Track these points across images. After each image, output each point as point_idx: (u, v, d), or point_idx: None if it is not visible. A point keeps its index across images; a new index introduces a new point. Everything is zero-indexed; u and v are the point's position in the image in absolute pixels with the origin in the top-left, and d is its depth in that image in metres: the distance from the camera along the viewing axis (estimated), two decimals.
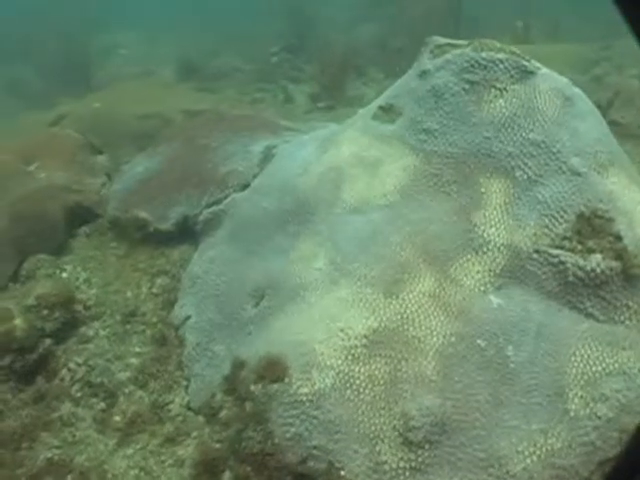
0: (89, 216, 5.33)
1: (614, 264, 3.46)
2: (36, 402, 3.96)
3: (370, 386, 3.28)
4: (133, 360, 4.16)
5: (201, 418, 3.70)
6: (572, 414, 3.20)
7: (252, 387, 3.37)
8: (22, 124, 6.82)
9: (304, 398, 3.28)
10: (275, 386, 3.32)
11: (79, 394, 4.02)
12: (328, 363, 3.34)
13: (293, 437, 3.24)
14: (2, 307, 4.20)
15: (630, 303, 3.49)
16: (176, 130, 5.66)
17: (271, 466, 3.22)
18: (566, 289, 3.50)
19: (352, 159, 4.06)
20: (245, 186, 4.65)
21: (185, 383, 3.95)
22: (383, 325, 3.41)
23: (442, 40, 4.16)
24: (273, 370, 3.35)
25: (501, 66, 3.88)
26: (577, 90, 4.06)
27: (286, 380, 3.32)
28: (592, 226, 3.57)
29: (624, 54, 7.31)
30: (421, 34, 6.65)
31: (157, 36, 13.42)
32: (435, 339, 3.38)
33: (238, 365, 3.52)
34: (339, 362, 3.34)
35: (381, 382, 3.29)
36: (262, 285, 3.89)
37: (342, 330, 3.41)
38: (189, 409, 3.82)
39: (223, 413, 3.47)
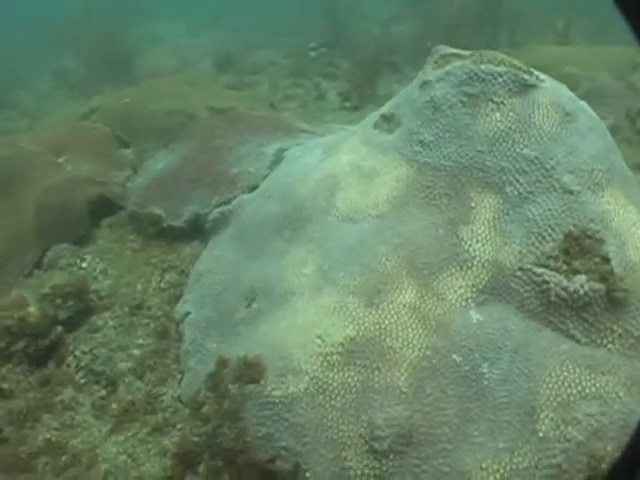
0: (112, 208, 5.66)
1: (598, 286, 3.48)
2: (42, 385, 4.32)
3: (342, 393, 3.44)
4: (135, 351, 4.46)
5: (188, 411, 3.95)
6: (541, 435, 3.26)
7: (230, 386, 3.59)
8: (60, 115, 7.22)
9: (277, 400, 3.48)
10: (251, 387, 3.53)
11: (82, 380, 4.34)
12: (303, 368, 3.53)
13: (264, 437, 3.45)
14: (18, 295, 4.57)
15: (614, 327, 3.51)
16: (196, 129, 5.91)
17: (241, 462, 3.45)
18: (548, 309, 3.54)
19: (349, 167, 4.20)
20: (254, 187, 4.87)
21: (179, 377, 4.20)
22: (361, 334, 3.56)
23: (448, 50, 4.22)
24: (250, 371, 3.56)
25: (500, 79, 3.92)
26: (581, 104, 4.06)
27: (262, 382, 3.53)
28: (581, 246, 3.60)
29: None
30: (454, 33, 6.69)
31: (202, 28, 13.75)
32: (410, 351, 3.50)
33: (221, 363, 3.75)
34: (314, 368, 3.51)
35: (353, 390, 3.44)
36: (255, 287, 4.09)
37: (320, 337, 3.58)
38: (180, 402, 4.08)
39: (205, 408, 3.71)
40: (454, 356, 3.49)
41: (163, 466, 3.75)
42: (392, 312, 3.60)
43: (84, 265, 5.28)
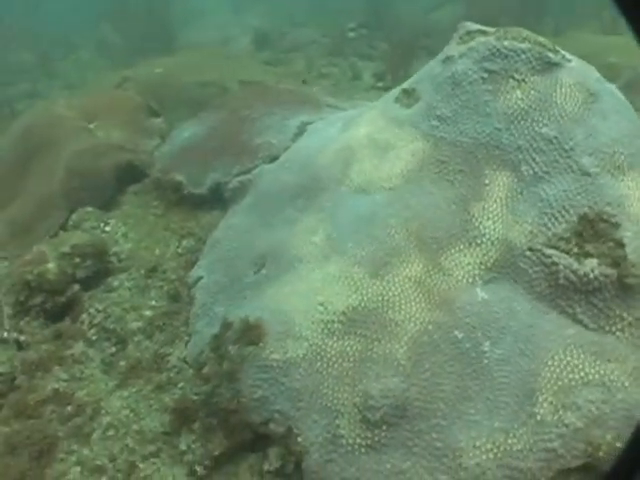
0: (139, 175, 5.76)
1: (610, 271, 3.39)
2: (55, 339, 4.43)
3: (340, 361, 3.44)
4: (147, 312, 4.53)
5: (191, 371, 4.00)
6: (538, 418, 3.21)
7: (230, 347, 3.62)
8: (97, 83, 7.37)
9: (274, 364, 3.50)
10: (250, 348, 3.55)
11: (94, 337, 4.44)
12: (303, 334, 3.54)
13: (259, 399, 3.48)
14: (39, 251, 4.69)
15: (625, 314, 3.42)
16: (225, 100, 5.95)
17: (234, 422, 3.49)
18: (556, 291, 3.47)
19: (366, 140, 4.18)
20: (275, 158, 4.88)
21: (187, 338, 4.26)
22: (363, 304, 3.55)
23: (474, 26, 4.15)
24: (250, 333, 3.59)
25: (523, 56, 3.84)
26: (609, 87, 3.95)
27: (260, 345, 3.55)
28: (595, 229, 3.50)
29: None
30: (496, 20, 6.55)
31: (246, 4, 13.80)
32: (412, 325, 3.48)
33: (226, 325, 3.79)
34: (314, 334, 3.52)
35: (351, 359, 3.43)
36: (265, 254, 4.12)
37: (322, 304, 3.58)
38: (185, 362, 4.13)
39: (206, 369, 3.75)
40: (456, 332, 3.44)
41: (162, 422, 3.81)
42: (397, 284, 3.58)
43: (107, 229, 5.38)
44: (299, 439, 3.36)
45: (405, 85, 4.37)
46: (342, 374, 3.41)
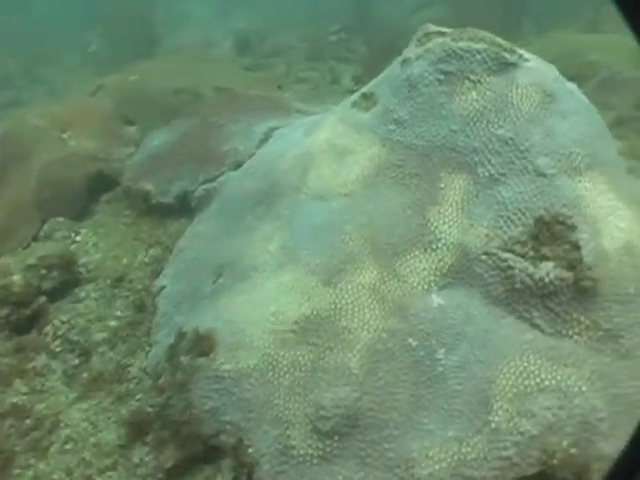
0: (112, 184, 5.73)
1: (565, 274, 3.32)
2: (18, 352, 4.40)
3: (291, 371, 3.39)
4: (112, 323, 4.50)
5: (150, 382, 3.95)
6: (493, 426, 3.14)
7: (182, 358, 3.57)
8: (80, 90, 7.36)
9: (226, 374, 3.45)
10: (201, 359, 3.50)
11: (58, 349, 4.42)
12: (255, 344, 3.48)
13: (210, 410, 3.43)
14: (3, 263, 4.67)
15: (582, 318, 3.34)
16: (196, 107, 5.92)
17: (185, 434, 3.44)
18: (513, 296, 3.40)
19: (324, 145, 4.13)
20: (240, 165, 4.85)
21: (148, 349, 4.21)
22: (316, 313, 3.49)
23: (432, 28, 4.09)
24: (202, 344, 3.54)
25: (478, 57, 3.77)
26: (568, 86, 3.87)
27: (211, 355, 3.50)
28: (551, 232, 3.43)
29: None
30: (478, 21, 6.50)
31: (232, 9, 13.79)
32: (365, 333, 3.42)
33: (180, 336, 3.74)
34: (266, 344, 3.47)
35: (302, 369, 3.38)
36: (224, 263, 4.07)
37: (274, 314, 3.53)
38: (146, 373, 4.09)
39: (162, 379, 3.70)
40: (410, 340, 3.38)
41: (119, 434, 3.77)
42: (350, 292, 3.52)
43: (78, 238, 5.36)
44: (250, 450, 3.31)
45: (365, 89, 4.31)
46: (294, 384, 3.35)
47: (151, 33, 11.00)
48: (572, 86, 3.92)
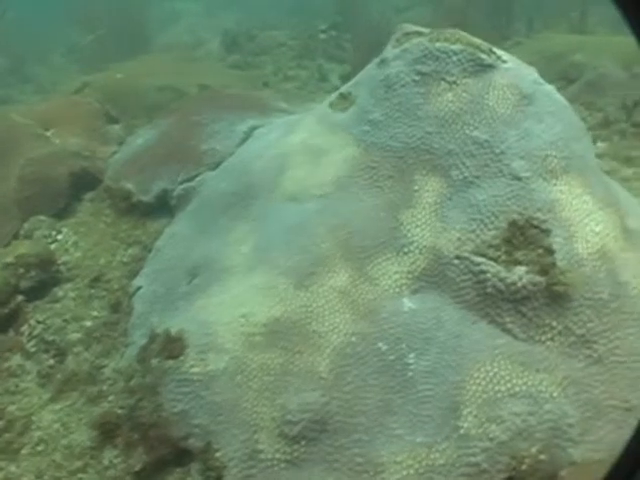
0: (95, 182, 5.69)
1: (538, 279, 3.29)
2: None
3: (260, 375, 3.36)
4: (88, 323, 4.47)
5: (122, 384, 3.93)
6: (462, 432, 3.12)
7: (152, 360, 3.54)
8: (68, 88, 7.33)
9: (195, 377, 3.42)
10: (170, 362, 3.47)
11: (33, 349, 4.38)
12: (225, 347, 3.45)
13: (179, 413, 3.40)
14: None
15: (554, 323, 3.32)
16: (178, 105, 5.89)
17: (154, 437, 3.41)
18: (485, 300, 3.37)
19: (300, 146, 4.09)
20: (219, 164, 4.81)
21: (123, 349, 4.19)
22: (286, 316, 3.46)
23: (411, 28, 4.04)
24: (172, 346, 3.50)
25: (454, 58, 3.73)
26: (546, 88, 3.83)
27: (181, 358, 3.46)
28: (525, 236, 3.40)
29: None
30: (467, 20, 6.48)
31: (221, 6, 13.73)
32: (335, 336, 3.39)
33: (152, 337, 3.71)
34: (236, 347, 3.44)
35: (272, 372, 3.35)
36: (198, 264, 4.04)
37: (244, 316, 3.50)
38: (120, 374, 4.06)
39: (133, 381, 3.68)
40: (380, 344, 3.35)
41: (90, 436, 3.74)
42: (321, 295, 3.49)
43: (59, 237, 5.32)
44: (218, 454, 3.28)
45: (343, 89, 4.28)
46: (262, 387, 3.33)
47: (140, 31, 10.95)
48: (550, 88, 3.88)
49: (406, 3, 11.48)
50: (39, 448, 3.78)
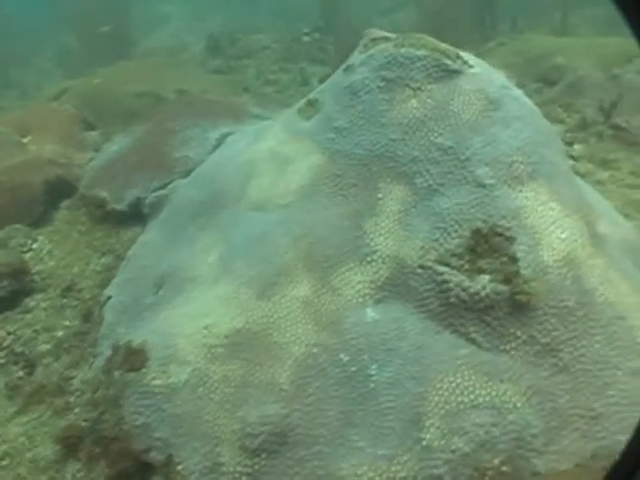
0: (71, 190, 5.67)
1: (502, 288, 3.25)
2: None
3: (222, 387, 3.33)
4: (59, 333, 4.45)
5: (89, 395, 3.91)
6: (424, 444, 3.08)
7: (115, 372, 3.52)
8: (51, 93, 7.31)
9: (157, 390, 3.39)
10: (132, 374, 3.44)
11: (2, 361, 4.36)
12: (187, 359, 3.43)
13: (141, 426, 3.37)
14: None
15: (519, 332, 3.28)
16: (154, 112, 5.87)
17: (115, 451, 3.39)
18: (449, 310, 3.33)
19: (266, 154, 4.07)
20: (190, 172, 4.78)
21: (92, 360, 4.17)
22: (248, 327, 3.43)
23: (379, 33, 4.01)
24: (133, 359, 3.48)
25: (419, 64, 3.69)
26: (514, 93, 3.79)
27: (143, 370, 3.44)
28: (489, 244, 3.36)
29: None
30: (450, 22, 6.46)
31: (209, 10, 13.71)
32: (297, 347, 3.36)
33: (116, 349, 3.68)
34: (197, 359, 3.41)
35: (233, 384, 3.33)
36: (165, 274, 4.02)
37: (206, 327, 3.47)
38: (88, 385, 4.04)
39: (98, 393, 3.66)
40: (342, 355, 3.32)
41: (55, 449, 3.72)
42: (283, 306, 3.46)
43: (34, 246, 5.31)
44: (179, 467, 3.25)
45: (311, 95, 4.24)
46: (223, 400, 3.30)
47: (125, 35, 10.93)
48: (519, 92, 3.84)
49: (391, 4, 11.43)
50: (4, 462, 3.76)
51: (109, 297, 4.38)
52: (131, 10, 11.64)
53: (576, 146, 5.31)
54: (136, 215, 5.05)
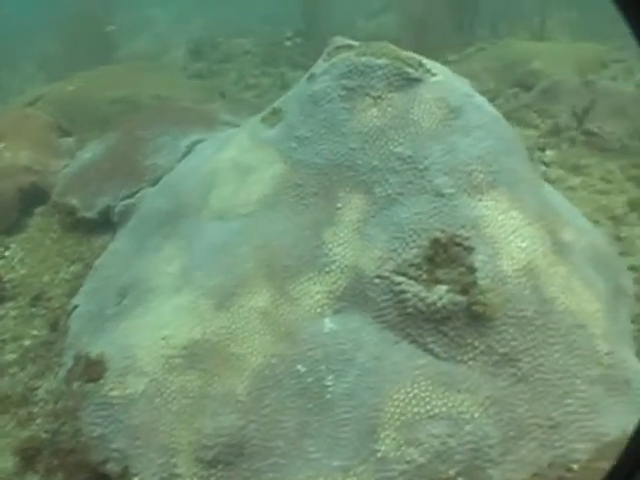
0: (45, 197, 5.69)
1: (459, 299, 3.26)
2: None
3: (179, 398, 3.35)
4: (27, 342, 4.46)
5: (52, 406, 3.92)
6: (380, 455, 3.09)
7: (74, 383, 3.54)
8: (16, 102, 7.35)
9: (114, 401, 3.41)
10: (90, 385, 3.46)
11: None
12: (145, 370, 3.44)
13: (98, 437, 3.39)
14: None
15: (476, 343, 3.29)
16: (127, 119, 5.89)
17: (73, 463, 3.42)
18: (406, 321, 3.35)
19: (229, 163, 4.09)
20: (159, 180, 4.80)
21: (57, 370, 4.18)
22: (206, 338, 3.45)
23: (343, 41, 4.02)
24: (92, 370, 3.49)
25: (379, 73, 3.71)
26: (477, 101, 3.80)
27: (101, 381, 3.45)
28: (447, 254, 3.37)
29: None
30: (431, 26, 6.47)
31: (193, 13, 13.75)
32: (254, 358, 3.38)
33: (77, 359, 3.70)
34: (155, 370, 3.43)
35: (190, 395, 3.34)
36: (128, 284, 4.03)
37: (164, 338, 3.49)
38: (52, 395, 4.06)
39: (59, 404, 3.67)
40: (299, 366, 3.33)
41: (14, 461, 3.73)
42: (242, 316, 3.48)
43: (7, 254, 5.33)
44: (135, 479, 3.26)
45: (276, 103, 4.26)
46: (180, 411, 3.32)
47: (109, 39, 10.94)
48: (481, 100, 3.86)
49: (378, 6, 11.44)
50: None
51: (75, 306, 4.40)
52: (116, 14, 11.65)
53: (548, 152, 5.33)
54: (107, 223, 5.08)
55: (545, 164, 5.08)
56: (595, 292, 3.68)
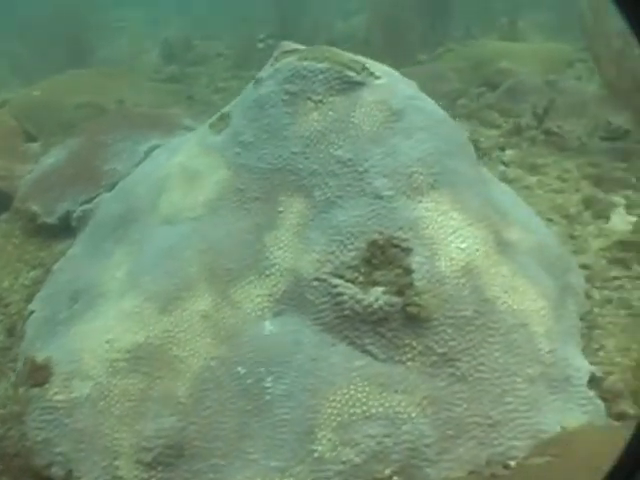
0: (9, 203, 5.81)
1: (395, 300, 3.37)
2: None
3: (122, 401, 3.47)
4: None
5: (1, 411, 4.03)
6: (316, 455, 3.21)
7: (20, 388, 3.66)
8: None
9: (59, 405, 3.53)
10: (35, 390, 3.58)
11: None
12: (90, 374, 3.57)
13: (43, 441, 3.51)
14: None
15: (414, 343, 3.41)
16: (88, 124, 6.01)
17: (17, 467, 3.53)
18: (344, 323, 3.47)
19: (178, 168, 4.22)
20: (115, 186, 4.92)
21: (12, 375, 4.30)
22: (149, 341, 3.57)
23: (291, 46, 4.14)
24: (38, 374, 3.62)
25: (320, 76, 3.83)
26: (421, 103, 3.91)
27: (46, 385, 3.58)
28: (385, 256, 3.49)
29: None
30: (404, 26, 6.57)
31: (170, 16, 13.87)
32: (196, 361, 3.49)
33: (25, 364, 3.82)
34: (100, 373, 3.55)
35: (133, 398, 3.46)
36: (81, 288, 4.15)
37: (108, 342, 3.61)
38: (7, 400, 4.17)
39: (6, 409, 3.79)
40: (239, 368, 3.45)
41: None
42: (184, 320, 3.60)
43: None
44: None
45: (224, 108, 4.38)
46: (123, 414, 3.44)
47: (82, 42, 11.04)
48: (426, 103, 3.97)
49: (355, 6, 11.54)
50: None
51: (32, 311, 4.53)
52: (90, 17, 11.75)
53: (508, 151, 5.44)
54: (68, 229, 5.19)
55: (504, 164, 5.20)
56: (541, 290, 3.78)
